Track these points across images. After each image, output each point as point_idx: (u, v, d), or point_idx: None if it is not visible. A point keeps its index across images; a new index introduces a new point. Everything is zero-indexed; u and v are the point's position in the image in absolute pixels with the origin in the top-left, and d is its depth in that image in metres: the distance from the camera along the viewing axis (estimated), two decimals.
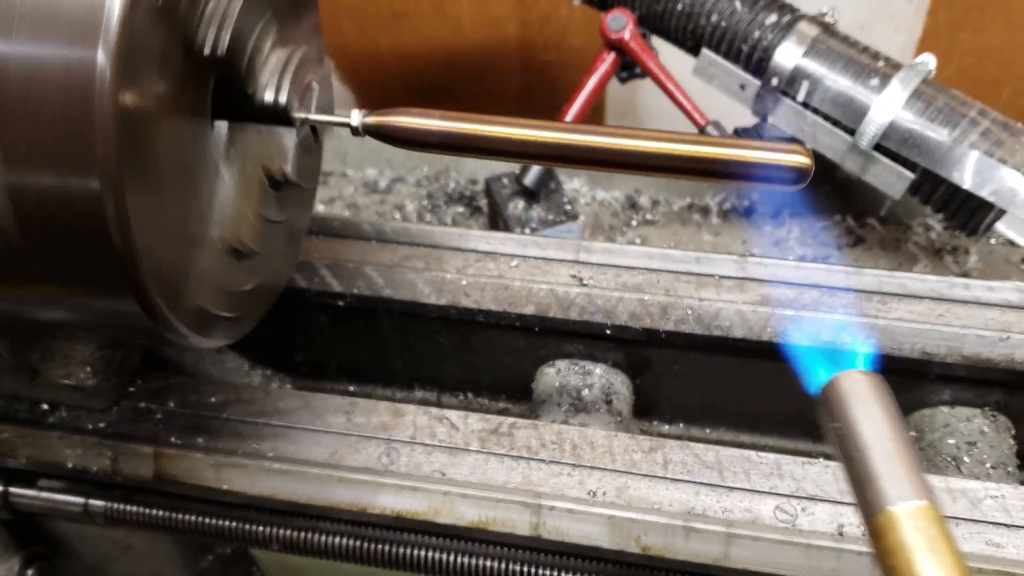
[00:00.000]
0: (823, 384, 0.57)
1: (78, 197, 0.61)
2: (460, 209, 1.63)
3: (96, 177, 0.60)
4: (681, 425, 1.13)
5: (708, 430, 1.13)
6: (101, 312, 0.72)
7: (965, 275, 1.46)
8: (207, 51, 0.69)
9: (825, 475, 0.87)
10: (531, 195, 1.47)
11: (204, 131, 0.72)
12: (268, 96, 0.75)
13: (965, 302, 0.98)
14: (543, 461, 0.90)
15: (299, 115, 0.77)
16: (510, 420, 0.93)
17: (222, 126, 0.75)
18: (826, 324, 0.96)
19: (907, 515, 0.49)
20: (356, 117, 0.75)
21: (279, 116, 0.76)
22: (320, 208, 1.64)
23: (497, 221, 1.52)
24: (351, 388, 1.18)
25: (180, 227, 0.70)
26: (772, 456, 0.89)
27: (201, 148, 0.72)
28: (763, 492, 0.87)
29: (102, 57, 0.58)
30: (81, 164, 0.60)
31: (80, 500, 0.99)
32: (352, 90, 2.24)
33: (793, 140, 1.39)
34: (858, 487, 0.52)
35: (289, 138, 0.77)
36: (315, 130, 0.81)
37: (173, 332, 0.71)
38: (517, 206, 1.48)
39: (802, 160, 0.68)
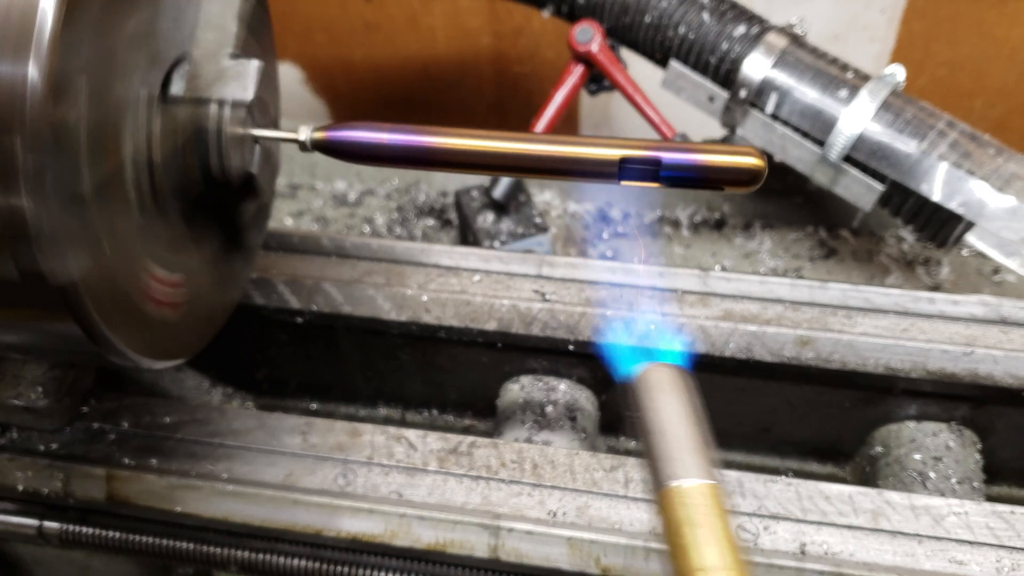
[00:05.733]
0: (632, 376, 0.61)
1: (10, 218, 0.59)
2: (430, 222, 1.61)
3: (29, 197, 0.59)
4: None
5: None
6: (44, 336, 0.70)
7: (937, 287, 1.46)
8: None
9: (787, 493, 0.86)
10: (501, 208, 1.45)
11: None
12: (212, 108, 0.74)
13: (930, 316, 0.97)
14: (503, 481, 0.88)
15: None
16: (469, 439, 0.91)
17: None
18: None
19: (688, 492, 0.53)
20: (304, 132, 0.73)
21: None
22: (288, 221, 1.63)
23: (467, 234, 1.50)
24: (313, 406, 1.17)
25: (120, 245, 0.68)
26: (734, 474, 0.88)
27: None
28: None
29: (33, 72, 0.57)
30: (13, 183, 0.58)
31: (34, 522, 0.97)
32: (326, 102, 2.23)
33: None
34: (650, 467, 0.56)
35: None
36: (262, 146, 0.80)
37: (118, 355, 0.70)
38: (486, 219, 1.46)
39: (754, 161, 0.67)
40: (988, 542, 0.82)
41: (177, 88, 0.73)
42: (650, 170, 0.67)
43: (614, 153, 0.67)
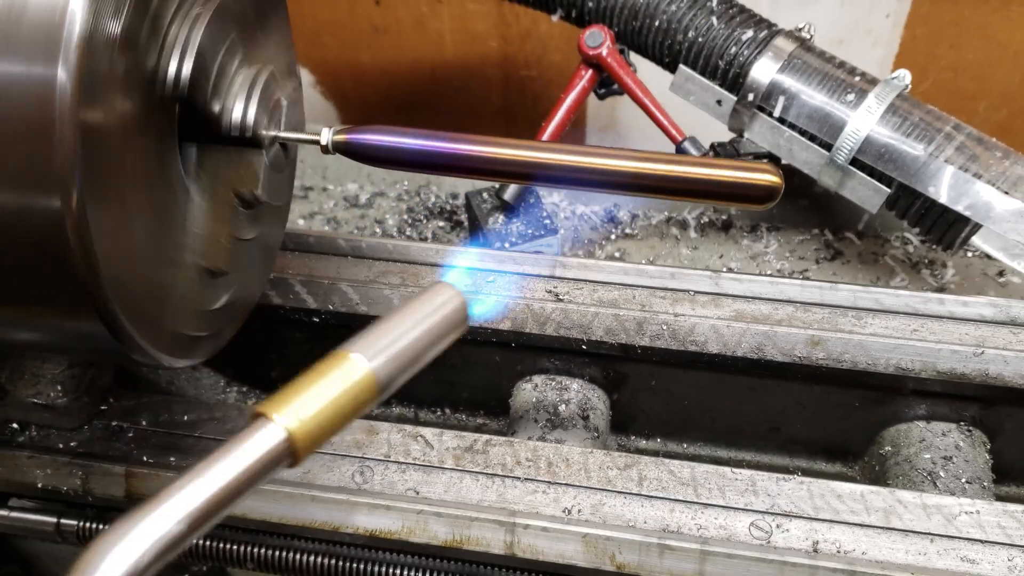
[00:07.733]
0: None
1: (39, 216, 0.60)
2: (441, 223, 1.62)
3: (57, 196, 0.60)
4: (658, 440, 1.13)
5: (685, 445, 1.13)
6: (68, 334, 0.71)
7: (942, 289, 1.47)
8: (169, 84, 0.69)
9: (800, 491, 0.87)
10: (511, 209, 1.47)
11: (171, 152, 0.72)
12: (235, 117, 0.75)
13: (939, 317, 0.98)
14: (518, 479, 0.89)
15: (268, 133, 0.76)
16: (485, 437, 0.92)
17: (191, 147, 0.75)
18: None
19: (345, 360, 0.56)
20: (325, 135, 0.74)
21: (247, 137, 0.75)
22: (300, 222, 1.64)
23: (477, 235, 1.51)
24: None
25: (146, 247, 0.69)
26: (747, 472, 0.89)
27: (168, 169, 0.71)
28: (738, 509, 0.86)
29: (63, 74, 0.58)
30: (41, 182, 0.59)
31: (52, 520, 0.98)
32: (335, 105, 2.24)
33: (767, 156, 1.40)
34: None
35: (259, 157, 0.77)
36: (285, 147, 0.81)
37: (141, 353, 0.71)
38: (497, 220, 1.47)
39: (771, 179, 0.68)
40: (1000, 541, 0.83)
41: (200, 93, 0.74)
42: (665, 184, 0.68)
43: (632, 165, 0.68)
